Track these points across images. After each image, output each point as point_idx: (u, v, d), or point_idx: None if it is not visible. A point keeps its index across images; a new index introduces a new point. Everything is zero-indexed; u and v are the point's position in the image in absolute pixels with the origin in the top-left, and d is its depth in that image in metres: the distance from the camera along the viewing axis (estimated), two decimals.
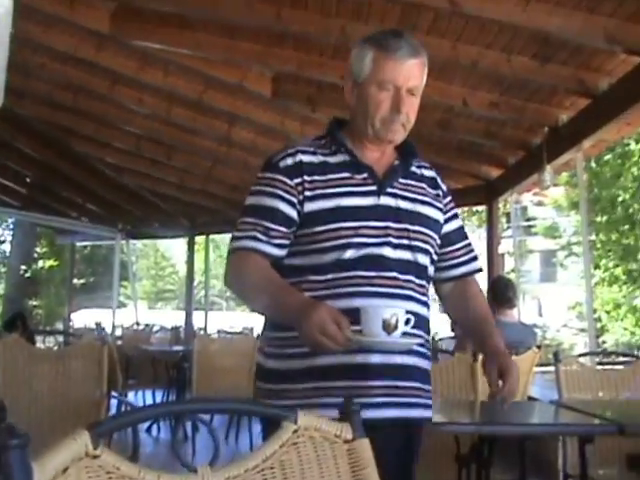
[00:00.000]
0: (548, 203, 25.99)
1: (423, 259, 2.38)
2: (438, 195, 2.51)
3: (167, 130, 10.04)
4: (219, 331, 11.51)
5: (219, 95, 8.32)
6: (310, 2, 5.72)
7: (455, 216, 2.58)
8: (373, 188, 2.34)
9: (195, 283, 17.38)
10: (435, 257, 2.46)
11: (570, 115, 6.75)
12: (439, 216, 2.48)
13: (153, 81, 8.18)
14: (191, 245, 16.13)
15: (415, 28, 5.59)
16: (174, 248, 43.91)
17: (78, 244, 21.63)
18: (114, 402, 5.86)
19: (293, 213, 2.29)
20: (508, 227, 21.70)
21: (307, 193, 2.29)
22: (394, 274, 2.28)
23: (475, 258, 2.62)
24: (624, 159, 20.20)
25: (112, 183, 13.52)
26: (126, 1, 6.43)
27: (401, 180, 2.41)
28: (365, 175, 2.35)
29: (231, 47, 6.87)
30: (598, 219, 20.59)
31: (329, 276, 2.24)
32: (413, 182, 2.44)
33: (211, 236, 16.97)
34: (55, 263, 26.92)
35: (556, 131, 6.97)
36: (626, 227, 20.48)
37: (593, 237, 20.31)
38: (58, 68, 8.38)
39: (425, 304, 2.38)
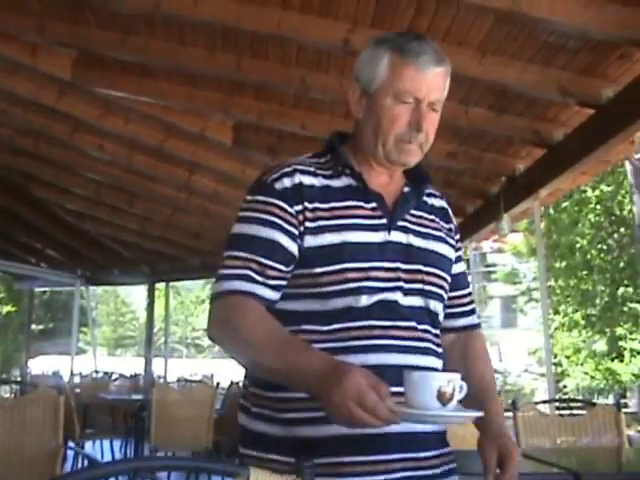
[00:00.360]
0: (507, 250, 26.22)
1: (436, 306, 2.02)
2: (450, 230, 2.16)
3: (128, 177, 10.04)
4: (179, 379, 11.42)
5: (180, 143, 8.36)
6: (270, 52, 5.78)
7: (460, 258, 2.21)
8: (383, 221, 1.96)
9: (155, 330, 17.23)
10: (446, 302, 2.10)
11: (526, 165, 6.87)
12: (452, 254, 2.12)
13: (114, 128, 8.19)
14: (151, 292, 16.03)
15: None
16: (134, 294, 43.62)
17: (37, 290, 21.40)
18: (70, 453, 5.77)
19: (294, 248, 1.89)
20: (468, 274, 21.82)
21: (308, 224, 1.89)
22: (412, 324, 1.92)
23: (475, 310, 2.26)
24: (581, 206, 20.49)
25: (72, 229, 13.45)
26: (88, 49, 6.45)
27: (412, 211, 2.05)
28: (374, 205, 1.97)
29: (192, 95, 6.91)
30: (557, 265, 20.78)
31: (335, 326, 1.84)
32: (424, 214, 2.08)
33: (171, 283, 16.89)
34: (13, 309, 26.58)
35: (513, 180, 7.09)
36: (584, 273, 20.67)
37: (552, 283, 20.50)
38: (19, 114, 8.36)
39: (442, 358, 2.02)
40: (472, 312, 2.23)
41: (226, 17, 5.15)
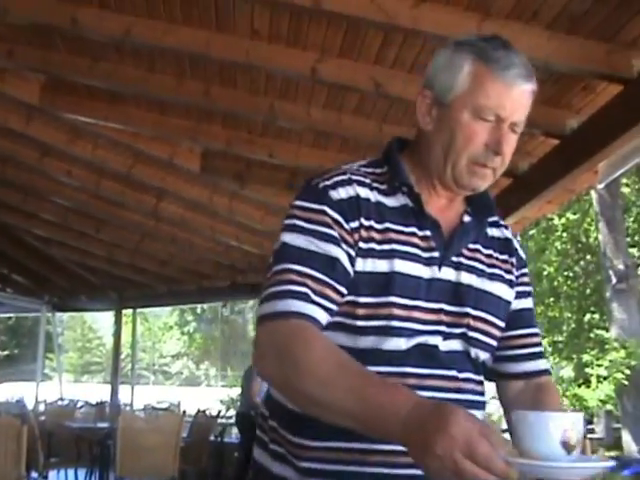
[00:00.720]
0: None
1: (478, 354, 1.76)
2: (512, 264, 1.88)
3: (96, 203, 9.98)
4: (145, 406, 11.35)
5: (148, 169, 8.33)
6: (239, 80, 5.80)
7: (528, 294, 1.92)
8: (435, 254, 1.70)
9: (122, 356, 17.11)
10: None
11: (493, 193, 6.91)
12: (510, 295, 1.85)
13: (82, 154, 8.15)
14: (118, 318, 15.92)
15: (341, 108, 5.74)
16: (101, 320, 43.30)
17: (2, 315, 21.17)
18: None
19: (351, 269, 1.63)
20: None
21: (361, 244, 1.64)
22: (452, 372, 1.68)
23: (543, 354, 1.93)
24: (548, 234, 20.69)
25: (39, 254, 13.36)
26: (57, 74, 6.44)
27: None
28: (428, 233, 1.71)
29: (161, 122, 6.91)
30: None
31: None
32: (481, 247, 1.82)
33: (139, 309, 16.79)
34: None
35: None
36: (551, 300, 20.83)
37: None
38: None
39: (484, 409, 1.79)
40: (539, 355, 1.91)
41: (195, 45, 5.16)
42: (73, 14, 5.07)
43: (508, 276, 1.85)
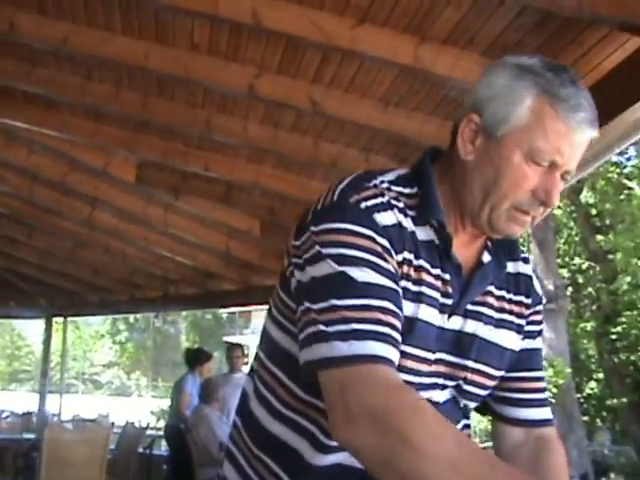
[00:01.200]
0: None
1: (467, 404, 1.63)
2: (527, 306, 1.68)
3: (28, 209, 9.82)
4: (74, 417, 11.18)
5: (83, 177, 8.23)
6: (177, 93, 5.79)
7: (537, 333, 1.73)
8: (449, 302, 1.52)
9: (52, 364, 16.84)
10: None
11: None
12: (516, 343, 1.66)
13: (16, 160, 8.05)
14: (49, 326, 15.67)
15: (278, 125, 5.76)
16: (31, 327, 42.54)
17: None
18: None
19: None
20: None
21: (400, 283, 1.44)
22: None
23: (547, 401, 1.75)
24: None
25: None
26: None
27: None
28: (448, 277, 1.52)
29: (97, 131, 6.84)
30: None
31: None
32: (494, 288, 1.62)
33: (70, 318, 16.55)
34: None
35: None
36: None
37: None
38: None
39: None
40: (541, 402, 1.72)
41: (133, 56, 5.13)
42: (11, 19, 5.00)
43: (518, 320, 1.66)
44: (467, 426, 1.66)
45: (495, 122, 1.46)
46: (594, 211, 19.38)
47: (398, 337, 1.37)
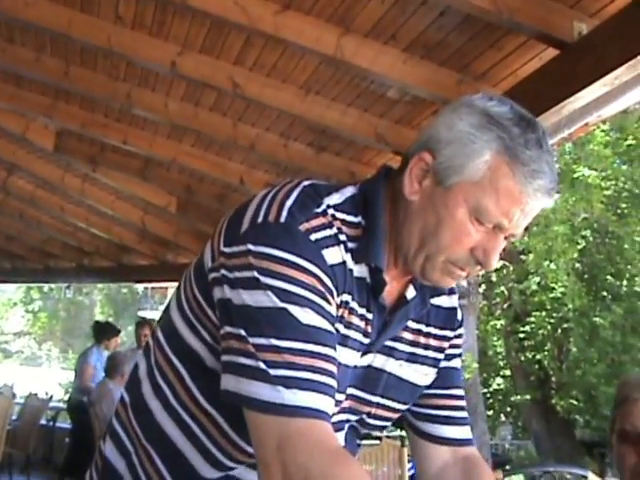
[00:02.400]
0: None
1: (373, 433, 1.62)
2: (448, 339, 1.64)
3: None
4: None
5: (0, 142, 8.07)
6: (99, 63, 5.72)
7: (457, 355, 1.70)
8: (366, 341, 1.45)
9: None
10: None
11: None
12: (428, 378, 1.62)
13: None
14: None
15: (198, 104, 5.76)
16: None
17: None
18: None
19: None
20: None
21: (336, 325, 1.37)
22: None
23: (467, 420, 1.71)
24: None
25: None
26: None
27: None
28: (370, 317, 1.44)
29: (16, 96, 6.72)
30: None
31: None
32: (412, 323, 1.56)
33: None
34: None
35: None
36: None
37: None
38: None
39: None
40: (460, 421, 1.69)
41: (56, 23, 5.04)
42: None
43: (435, 354, 1.61)
44: (359, 445, 1.64)
45: (447, 169, 1.36)
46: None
47: (336, 386, 1.30)
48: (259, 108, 5.53)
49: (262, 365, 1.25)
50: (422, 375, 1.59)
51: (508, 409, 24.13)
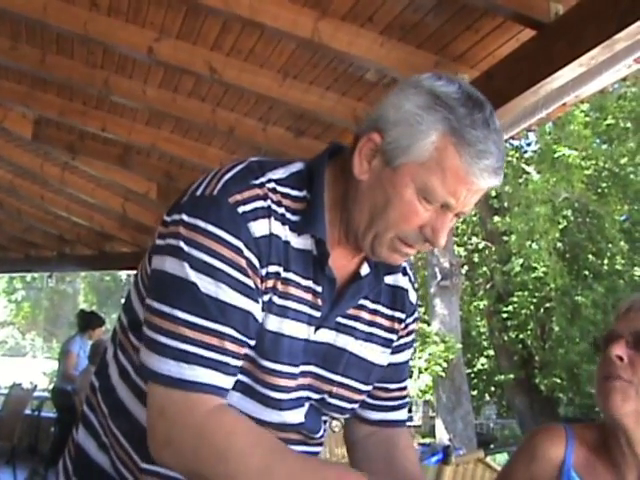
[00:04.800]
0: None
1: (331, 414, 1.62)
2: (400, 321, 1.65)
3: None
4: None
5: None
6: (76, 51, 5.68)
7: (408, 345, 1.72)
8: (317, 314, 1.47)
9: None
10: None
11: None
12: (384, 357, 1.64)
13: None
14: None
15: (177, 90, 5.74)
16: None
17: None
18: None
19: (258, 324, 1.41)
20: None
21: (265, 296, 1.41)
22: (313, 436, 1.58)
23: (405, 404, 1.76)
24: None
25: None
26: None
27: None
28: (320, 289, 1.47)
29: None
30: None
31: None
32: (367, 302, 1.58)
33: None
34: None
35: None
36: None
37: None
38: None
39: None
40: (400, 407, 1.74)
41: (31, 9, 5.00)
42: None
43: (388, 335, 1.63)
44: (322, 436, 1.65)
45: (395, 150, 1.37)
46: (493, 193, 19.82)
47: (237, 364, 1.35)
48: (237, 93, 5.52)
49: (161, 337, 1.31)
50: (379, 354, 1.61)
51: (492, 389, 24.30)
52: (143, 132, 6.72)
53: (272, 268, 1.39)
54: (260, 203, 1.37)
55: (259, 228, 1.36)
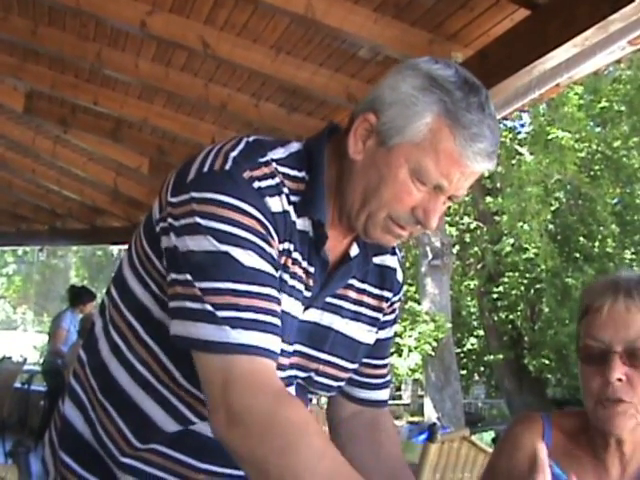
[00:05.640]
0: None
1: (322, 393, 1.67)
2: (386, 300, 1.66)
3: None
4: None
5: None
6: (68, 23, 5.65)
7: (392, 322, 1.73)
8: (308, 294, 1.48)
9: None
10: None
11: None
12: (371, 336, 1.65)
13: None
14: None
15: (169, 64, 5.71)
16: None
17: None
18: None
19: None
20: None
21: (278, 273, 1.40)
22: None
23: (388, 384, 1.78)
24: None
25: None
26: None
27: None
28: (313, 270, 1.48)
29: None
30: None
31: None
32: (355, 281, 1.59)
33: None
34: None
35: None
36: None
37: None
38: None
39: None
40: (384, 385, 1.75)
41: None
42: None
43: (374, 314, 1.64)
44: (310, 400, 1.67)
45: (390, 130, 1.37)
46: (486, 173, 19.80)
47: (280, 325, 1.34)
48: (230, 68, 5.50)
49: (208, 307, 1.29)
50: (365, 332, 1.62)
51: (481, 368, 24.43)
52: (135, 106, 6.70)
53: (286, 245, 1.40)
54: (270, 181, 1.38)
55: (274, 204, 1.37)
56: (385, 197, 1.38)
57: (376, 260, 1.62)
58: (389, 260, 1.66)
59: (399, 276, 1.69)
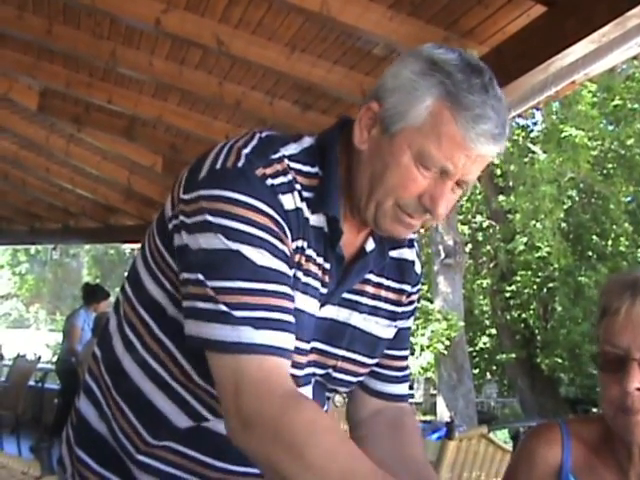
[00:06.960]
0: None
1: (339, 389, 1.63)
2: (406, 294, 1.64)
3: None
4: None
5: None
6: (83, 21, 5.66)
7: (410, 314, 1.70)
8: (324, 291, 1.47)
9: None
10: None
11: None
12: (390, 331, 1.63)
13: None
14: None
15: (183, 62, 5.71)
16: None
17: None
18: None
19: None
20: None
21: (292, 271, 1.39)
22: None
23: (408, 377, 1.75)
24: None
25: None
26: None
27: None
28: (328, 266, 1.46)
29: None
30: None
31: None
32: (373, 275, 1.57)
33: None
34: None
35: None
36: None
37: None
38: None
39: None
40: (404, 379, 1.73)
41: None
42: None
43: (393, 308, 1.62)
44: (328, 399, 1.65)
45: (392, 116, 1.36)
46: (499, 171, 19.77)
47: (293, 322, 1.33)
48: (244, 66, 5.50)
49: (220, 307, 1.28)
50: (384, 327, 1.61)
51: (494, 367, 24.35)
52: (149, 104, 6.71)
53: (299, 243, 1.40)
54: (283, 179, 1.37)
55: (287, 202, 1.36)
56: (390, 184, 1.37)
57: (394, 254, 1.60)
58: (407, 253, 1.64)
59: (417, 268, 1.67)
